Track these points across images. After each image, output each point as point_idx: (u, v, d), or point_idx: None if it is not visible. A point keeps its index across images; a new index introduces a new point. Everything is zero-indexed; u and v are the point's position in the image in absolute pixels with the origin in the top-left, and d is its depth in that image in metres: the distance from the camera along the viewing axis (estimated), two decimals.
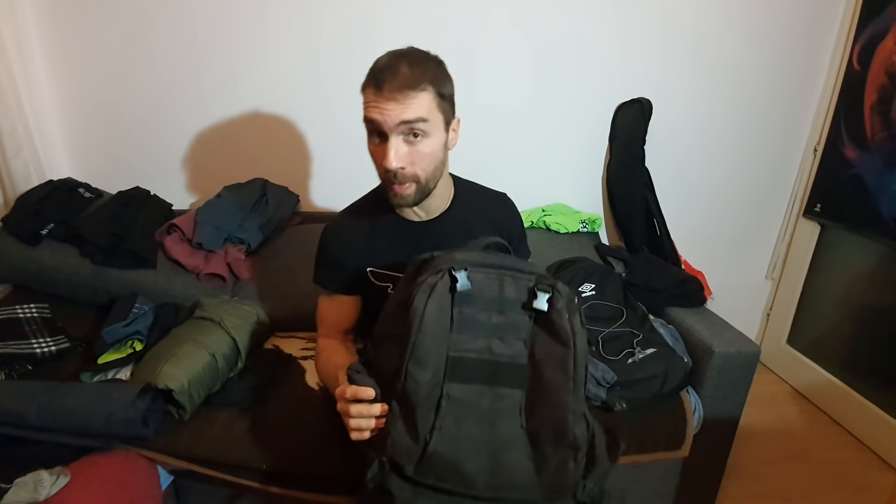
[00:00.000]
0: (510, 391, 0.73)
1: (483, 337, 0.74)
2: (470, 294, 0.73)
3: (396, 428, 0.71)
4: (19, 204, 1.46)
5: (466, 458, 0.71)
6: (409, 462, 0.71)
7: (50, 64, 1.63)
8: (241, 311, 1.37)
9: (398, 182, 0.89)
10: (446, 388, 0.72)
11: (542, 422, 0.72)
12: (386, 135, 0.87)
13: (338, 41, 1.69)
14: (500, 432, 0.72)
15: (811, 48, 1.91)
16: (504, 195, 1.14)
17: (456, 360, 0.73)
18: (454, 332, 0.73)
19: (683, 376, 1.30)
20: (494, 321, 0.74)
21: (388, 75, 0.84)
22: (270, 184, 1.72)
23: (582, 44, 1.78)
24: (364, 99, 0.88)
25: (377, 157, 0.91)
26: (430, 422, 0.71)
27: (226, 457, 1.13)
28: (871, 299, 1.87)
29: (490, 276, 0.75)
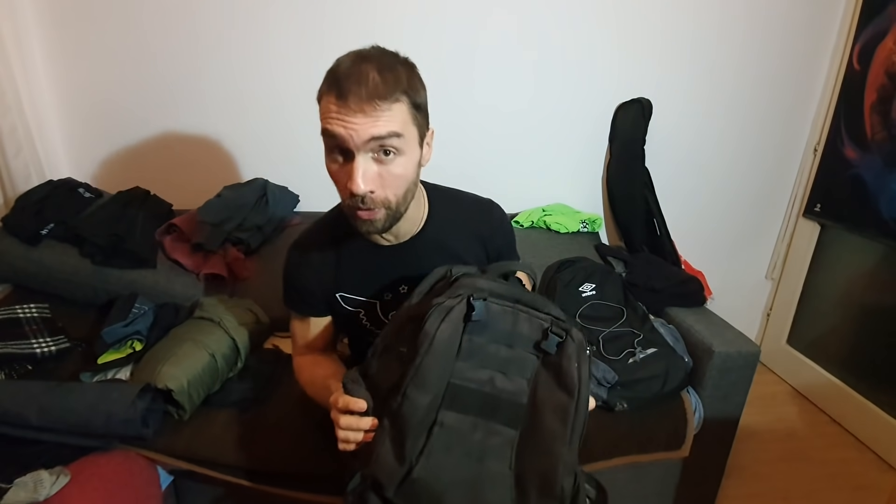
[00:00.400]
0: (505, 429, 0.70)
1: (488, 369, 0.71)
2: (484, 324, 0.70)
3: (384, 446, 0.69)
4: (19, 204, 1.46)
5: (448, 490, 0.68)
6: (390, 483, 0.68)
7: (50, 64, 1.63)
8: (240, 311, 1.37)
9: (366, 207, 0.78)
10: (441, 415, 0.69)
11: (532, 467, 0.69)
12: (351, 153, 0.75)
13: (338, 41, 1.67)
14: (487, 469, 0.69)
15: (811, 48, 1.91)
16: (489, 202, 1.03)
17: (456, 388, 0.70)
18: (460, 360, 0.70)
19: (684, 376, 1.30)
20: (502, 355, 0.71)
21: (353, 83, 0.72)
22: (270, 184, 1.72)
23: (582, 44, 1.78)
24: (322, 108, 0.76)
25: (340, 179, 0.79)
26: (419, 446, 0.68)
27: (225, 457, 1.13)
28: (871, 299, 1.87)
29: (506, 309, 0.71)
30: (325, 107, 0.76)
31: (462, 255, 0.97)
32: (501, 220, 1.04)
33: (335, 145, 0.76)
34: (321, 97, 0.77)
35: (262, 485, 1.16)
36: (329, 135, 0.76)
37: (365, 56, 0.76)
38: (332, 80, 0.75)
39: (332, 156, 0.78)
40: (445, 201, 0.99)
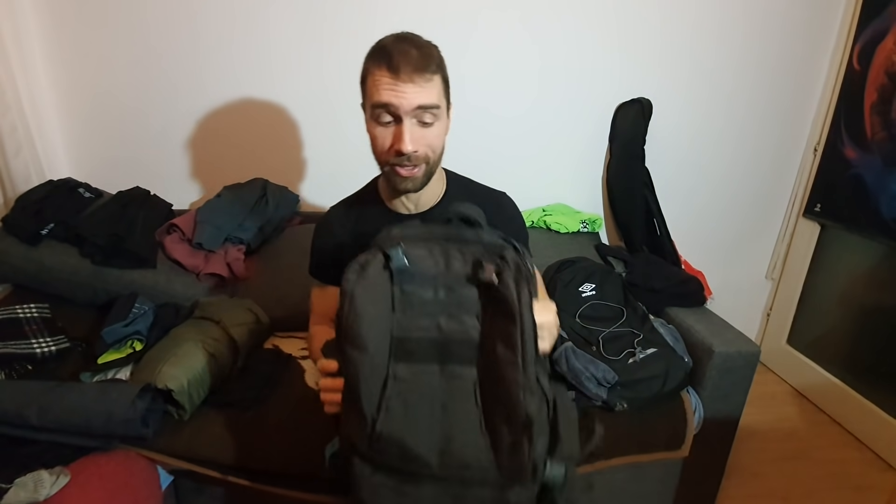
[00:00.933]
0: (463, 369, 0.70)
1: (429, 316, 0.71)
2: (411, 271, 0.71)
3: (349, 410, 0.72)
4: (19, 204, 1.46)
5: (416, 439, 0.69)
6: (361, 442, 0.70)
7: (50, 64, 1.63)
8: (240, 311, 1.37)
9: (411, 164, 0.87)
10: (392, 368, 0.70)
11: (496, 399, 0.69)
12: (399, 118, 0.84)
13: (338, 41, 1.69)
14: (452, 412, 0.70)
15: (811, 48, 1.91)
16: (503, 194, 1.08)
17: (401, 340, 0.71)
18: (397, 312, 0.71)
19: (684, 376, 1.30)
20: (441, 297, 0.71)
21: (401, 57, 0.81)
22: (270, 184, 1.72)
23: (582, 45, 1.78)
24: (372, 81, 0.85)
25: (383, 140, 0.87)
26: (376, 402, 0.70)
27: (225, 457, 1.13)
28: (871, 299, 1.87)
29: (434, 249, 0.72)
30: (377, 79, 0.84)
31: None
32: (514, 212, 1.08)
33: (384, 111, 0.85)
34: (369, 73, 0.86)
35: (262, 485, 1.16)
36: (382, 104, 0.84)
37: (402, 37, 0.87)
38: (381, 54, 0.84)
39: (380, 120, 0.86)
40: (461, 185, 1.06)
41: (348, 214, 1.04)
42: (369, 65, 0.86)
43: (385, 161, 0.90)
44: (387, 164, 0.90)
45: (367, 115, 0.90)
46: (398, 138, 0.85)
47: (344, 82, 1.71)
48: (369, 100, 0.87)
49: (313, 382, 1.26)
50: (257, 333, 1.39)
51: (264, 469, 1.14)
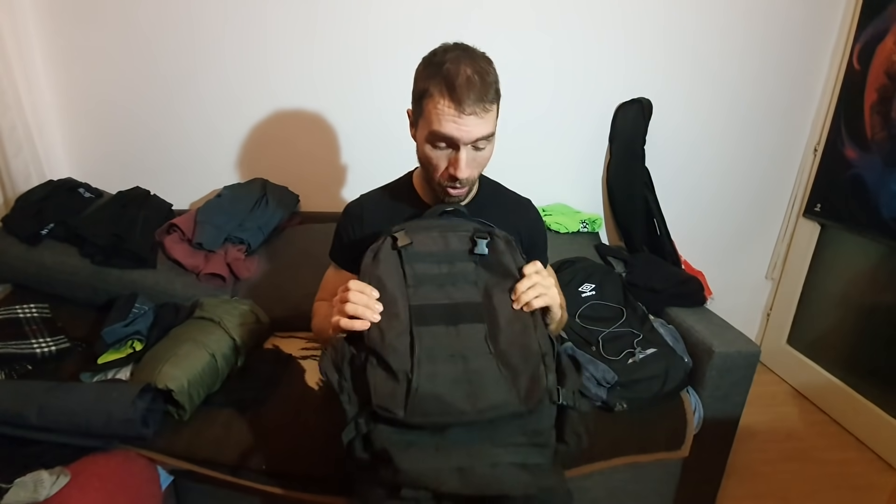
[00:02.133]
0: (472, 325, 0.82)
1: (439, 287, 0.84)
2: (417, 252, 0.85)
3: (377, 376, 0.77)
4: (19, 204, 1.46)
5: (448, 391, 0.76)
6: (396, 406, 0.75)
7: (50, 64, 1.63)
8: (241, 311, 1.37)
9: (460, 187, 0.93)
10: (415, 332, 0.79)
11: (509, 343, 0.81)
12: (457, 145, 0.87)
13: (336, 42, 1.69)
14: (472, 362, 0.79)
15: (811, 48, 1.91)
16: (528, 201, 1.14)
17: (417, 308, 0.82)
18: (410, 287, 0.83)
19: (684, 376, 1.29)
20: (445, 271, 0.85)
21: (466, 90, 0.83)
22: (270, 184, 1.72)
23: (582, 44, 1.78)
24: (433, 107, 0.85)
25: (438, 162, 0.91)
26: (409, 363, 0.77)
27: (226, 457, 1.13)
28: (871, 299, 1.87)
29: (433, 234, 0.87)
30: (439, 109, 0.85)
31: None
32: (538, 219, 1.15)
33: (443, 139, 0.88)
34: (429, 96, 0.86)
35: (263, 485, 1.16)
36: (442, 135, 0.87)
37: (464, 58, 0.86)
38: (444, 84, 0.84)
39: (437, 145, 0.89)
40: (490, 187, 1.11)
41: (381, 204, 1.06)
42: (429, 86, 0.85)
43: (437, 181, 0.95)
44: (437, 182, 0.95)
45: (420, 133, 0.91)
46: (454, 165, 0.89)
47: (342, 81, 1.72)
48: (428, 125, 0.87)
49: (313, 382, 1.26)
50: (257, 333, 1.39)
51: (264, 469, 1.14)
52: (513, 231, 1.05)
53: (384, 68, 1.71)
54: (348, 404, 0.79)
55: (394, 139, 1.71)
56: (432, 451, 0.76)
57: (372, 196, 1.09)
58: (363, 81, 1.73)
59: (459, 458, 0.76)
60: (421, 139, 0.91)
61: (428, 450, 0.76)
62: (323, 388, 1.24)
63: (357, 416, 0.78)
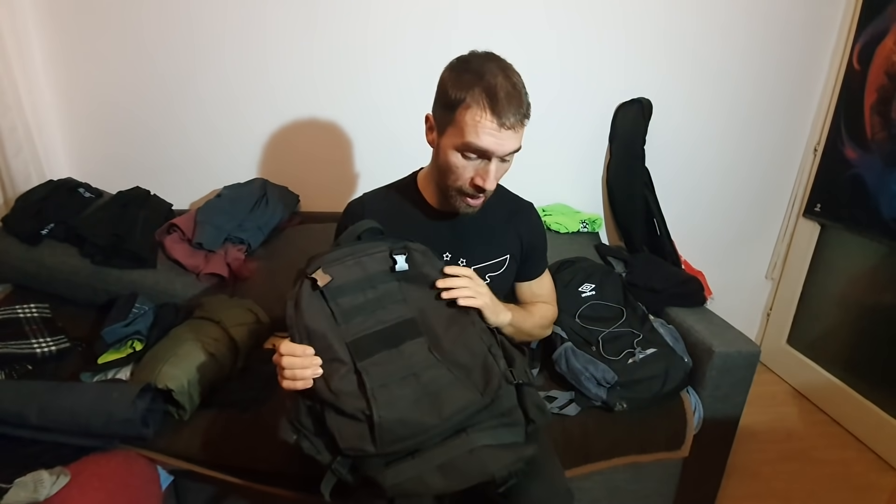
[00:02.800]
0: (413, 342, 0.82)
1: (369, 314, 0.83)
2: (338, 287, 0.83)
3: (337, 422, 0.76)
4: (19, 204, 1.46)
5: (411, 412, 0.76)
6: (366, 444, 0.75)
7: (50, 64, 1.63)
8: (241, 311, 1.37)
9: (482, 196, 0.93)
10: (360, 367, 0.79)
11: (452, 346, 0.82)
12: (488, 156, 0.87)
13: (336, 42, 1.69)
14: (423, 376, 0.79)
15: (811, 48, 1.91)
16: (529, 204, 1.15)
17: (355, 342, 0.81)
18: (342, 325, 0.82)
19: (683, 376, 1.29)
20: (371, 297, 0.84)
21: (507, 104, 0.83)
22: (270, 184, 1.72)
23: (582, 44, 1.78)
24: (471, 119, 0.84)
25: (464, 172, 0.90)
26: (363, 402, 0.76)
27: (226, 457, 1.13)
28: (871, 299, 1.86)
29: (348, 263, 0.85)
30: (478, 121, 0.84)
31: (503, 240, 1.07)
32: (538, 222, 1.15)
33: (476, 151, 0.87)
34: (466, 106, 0.84)
35: (262, 485, 1.16)
36: (478, 147, 0.85)
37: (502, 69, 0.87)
38: (486, 97, 0.83)
39: (466, 155, 0.88)
40: (496, 192, 1.07)
41: (384, 203, 1.06)
42: (468, 98, 0.84)
43: (458, 188, 0.92)
44: (458, 191, 0.93)
45: (449, 141, 0.89)
46: (483, 176, 0.88)
47: (342, 82, 1.72)
48: (461, 134, 0.86)
49: None
50: (257, 333, 1.39)
51: (264, 469, 1.14)
52: (513, 233, 1.07)
53: (384, 68, 1.71)
54: (318, 455, 0.79)
55: (394, 139, 1.70)
56: (409, 460, 0.76)
57: (375, 195, 1.08)
58: (363, 81, 1.73)
59: (437, 456, 0.76)
60: (448, 147, 0.89)
61: (405, 461, 0.76)
62: None
63: (331, 464, 0.78)
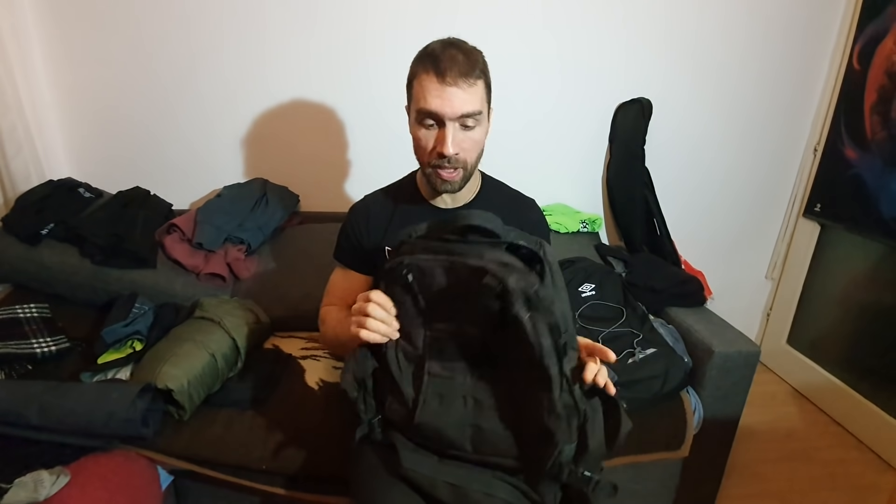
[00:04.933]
0: (489, 370, 0.77)
1: (454, 321, 0.76)
2: (430, 283, 0.74)
3: (389, 395, 0.79)
4: (19, 204, 1.46)
5: (450, 430, 0.76)
6: (404, 426, 0.78)
7: (50, 64, 1.63)
8: (241, 311, 1.37)
9: (451, 167, 0.91)
10: (428, 365, 0.78)
11: (522, 406, 0.74)
12: (442, 122, 0.88)
13: (335, 42, 1.69)
14: (483, 406, 0.76)
15: (811, 48, 1.91)
16: (532, 201, 1.14)
17: (434, 339, 0.78)
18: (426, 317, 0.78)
19: (683, 376, 1.29)
20: (459, 306, 0.75)
21: (448, 62, 0.84)
22: (270, 184, 1.72)
23: (582, 44, 1.78)
24: (419, 86, 0.88)
25: (426, 142, 0.91)
26: (413, 395, 0.77)
27: (226, 457, 1.13)
28: (871, 299, 1.86)
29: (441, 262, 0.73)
30: (423, 84, 0.87)
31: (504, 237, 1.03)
32: (542, 219, 1.15)
33: (428, 115, 0.88)
34: (415, 77, 0.89)
35: (262, 485, 1.16)
36: (426, 111, 0.87)
37: (447, 42, 0.89)
38: (429, 61, 0.87)
39: (424, 123, 0.90)
40: (494, 185, 1.11)
41: (386, 203, 1.06)
42: (416, 69, 0.89)
43: (427, 162, 0.94)
44: (428, 165, 0.94)
45: (411, 117, 0.93)
46: (441, 141, 0.89)
47: (342, 81, 1.72)
48: (415, 104, 0.90)
49: (313, 382, 1.26)
50: (257, 333, 1.39)
51: (264, 469, 1.14)
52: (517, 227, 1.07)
53: (384, 67, 1.71)
54: (364, 413, 0.81)
55: (394, 138, 1.70)
56: (435, 462, 0.78)
57: (376, 196, 1.09)
58: (363, 81, 1.73)
59: (458, 476, 0.77)
60: (412, 123, 0.93)
61: (431, 458, 0.78)
62: (323, 388, 1.24)
63: (372, 419, 0.82)
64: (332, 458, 1.11)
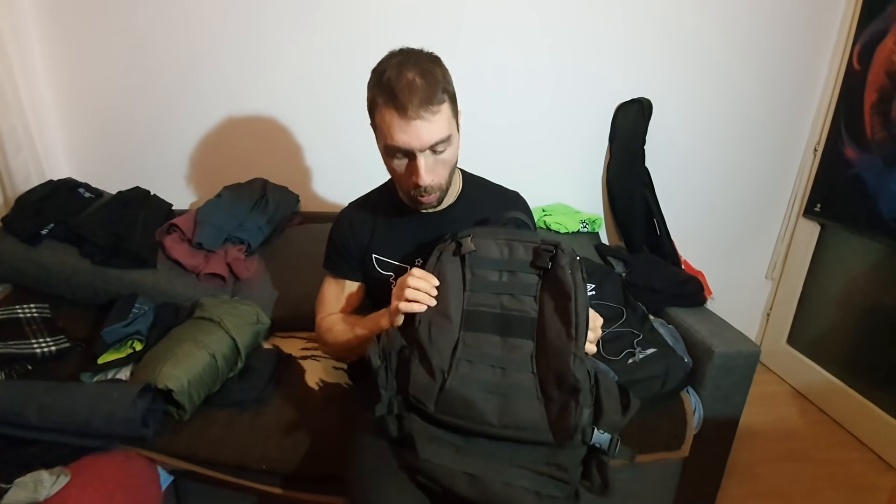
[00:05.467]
0: (521, 341, 0.81)
1: (494, 294, 0.83)
2: (480, 257, 0.84)
3: (418, 369, 0.80)
4: (19, 204, 1.46)
5: (478, 397, 0.78)
6: (430, 399, 0.79)
7: (50, 63, 1.63)
8: (241, 311, 1.37)
9: (428, 194, 0.92)
10: (462, 335, 0.82)
11: (549, 367, 0.79)
12: (412, 154, 0.87)
13: (335, 42, 1.69)
14: (511, 377, 0.79)
15: (811, 48, 1.91)
16: (515, 193, 1.14)
17: (470, 312, 0.83)
18: (468, 291, 0.84)
19: (683, 376, 1.29)
20: (505, 280, 0.83)
21: (407, 93, 0.82)
22: (270, 184, 1.72)
23: (582, 44, 1.78)
24: (382, 121, 0.86)
25: (400, 171, 0.92)
26: (447, 363, 0.80)
27: (226, 457, 1.13)
28: (871, 299, 1.86)
29: (500, 241, 0.85)
30: (386, 121, 0.86)
31: None
32: (526, 209, 1.14)
33: (398, 150, 0.88)
34: (377, 109, 0.87)
35: (262, 485, 1.16)
36: (394, 147, 0.87)
37: (402, 62, 0.85)
38: (386, 93, 0.84)
39: (395, 158, 0.90)
40: (476, 183, 1.11)
41: (370, 211, 1.07)
42: (376, 98, 0.87)
43: (405, 191, 0.95)
44: (407, 193, 0.95)
45: (379, 145, 0.92)
46: (414, 172, 0.89)
47: (342, 82, 1.72)
48: (381, 139, 0.89)
49: (313, 382, 1.26)
50: (257, 333, 1.39)
51: (264, 469, 1.14)
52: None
53: None
54: (384, 389, 0.82)
55: None
56: (452, 452, 0.79)
57: (359, 203, 1.10)
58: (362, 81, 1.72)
59: (476, 466, 0.77)
60: (382, 155, 0.92)
61: (449, 448, 0.79)
62: (323, 388, 1.24)
63: (392, 398, 0.82)
64: (332, 458, 1.11)
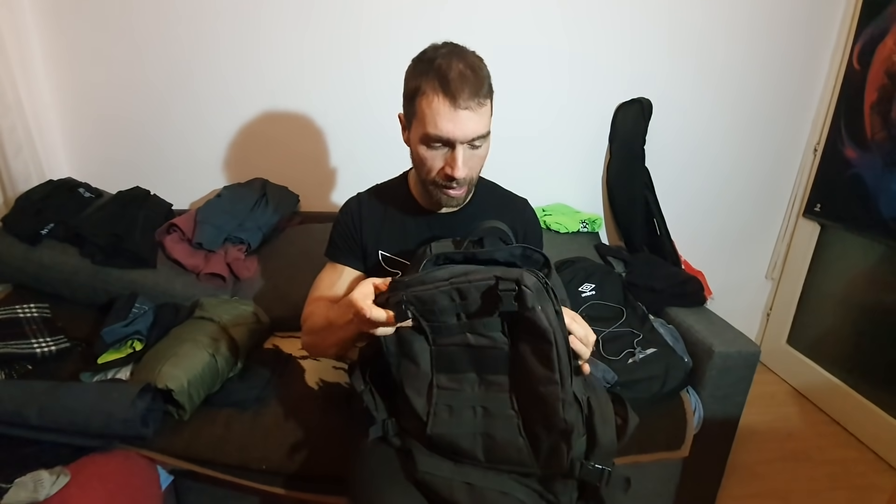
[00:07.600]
0: (497, 377, 0.76)
1: (458, 335, 0.76)
2: (428, 310, 0.74)
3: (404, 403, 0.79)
4: (19, 204, 1.46)
5: (463, 441, 0.76)
6: (417, 437, 0.80)
7: (50, 64, 1.63)
8: (241, 311, 1.37)
9: (458, 187, 0.90)
10: (435, 378, 0.78)
11: (533, 406, 0.74)
12: (451, 144, 0.85)
13: (334, 42, 1.69)
14: (492, 414, 0.76)
15: (811, 48, 1.91)
16: (524, 201, 1.13)
17: (439, 352, 0.77)
18: (431, 335, 0.77)
19: (683, 376, 1.29)
20: (464, 322, 0.74)
21: (458, 82, 0.80)
22: (270, 184, 1.72)
23: (582, 43, 1.78)
24: (427, 107, 0.82)
25: (433, 162, 0.88)
26: (425, 408, 0.78)
27: (226, 457, 1.13)
28: (871, 299, 1.87)
29: (443, 291, 0.72)
30: (434, 107, 0.82)
31: None
32: (534, 219, 1.12)
33: (438, 139, 0.84)
34: (422, 94, 0.83)
35: (262, 485, 1.16)
36: (436, 135, 0.83)
37: (455, 53, 0.84)
38: (437, 79, 0.81)
39: (432, 147, 0.86)
40: (489, 189, 1.09)
41: (379, 205, 1.04)
42: (422, 85, 0.83)
43: (432, 181, 0.91)
44: (433, 183, 0.91)
45: (414, 134, 0.88)
46: (451, 164, 0.86)
47: (342, 82, 1.72)
48: (422, 126, 0.85)
49: (313, 382, 1.26)
50: (257, 333, 1.39)
51: (264, 469, 1.14)
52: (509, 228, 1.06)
53: (382, 69, 1.71)
54: (375, 412, 0.82)
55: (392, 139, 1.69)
56: (450, 465, 0.79)
57: (368, 196, 1.07)
58: (362, 81, 1.73)
59: (474, 476, 0.78)
60: (415, 140, 0.88)
61: (447, 462, 0.79)
62: (323, 388, 1.24)
63: (386, 420, 0.82)
64: (332, 458, 1.11)
